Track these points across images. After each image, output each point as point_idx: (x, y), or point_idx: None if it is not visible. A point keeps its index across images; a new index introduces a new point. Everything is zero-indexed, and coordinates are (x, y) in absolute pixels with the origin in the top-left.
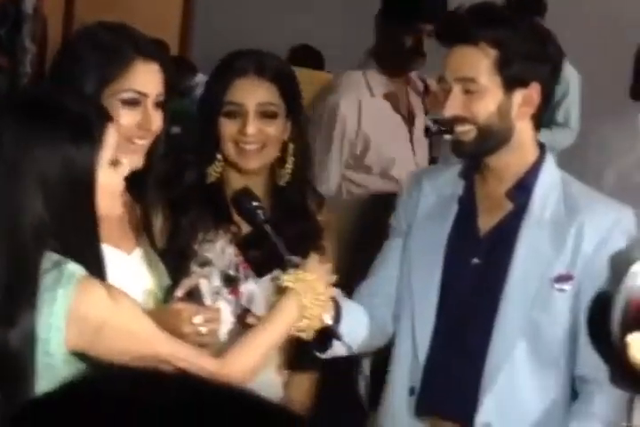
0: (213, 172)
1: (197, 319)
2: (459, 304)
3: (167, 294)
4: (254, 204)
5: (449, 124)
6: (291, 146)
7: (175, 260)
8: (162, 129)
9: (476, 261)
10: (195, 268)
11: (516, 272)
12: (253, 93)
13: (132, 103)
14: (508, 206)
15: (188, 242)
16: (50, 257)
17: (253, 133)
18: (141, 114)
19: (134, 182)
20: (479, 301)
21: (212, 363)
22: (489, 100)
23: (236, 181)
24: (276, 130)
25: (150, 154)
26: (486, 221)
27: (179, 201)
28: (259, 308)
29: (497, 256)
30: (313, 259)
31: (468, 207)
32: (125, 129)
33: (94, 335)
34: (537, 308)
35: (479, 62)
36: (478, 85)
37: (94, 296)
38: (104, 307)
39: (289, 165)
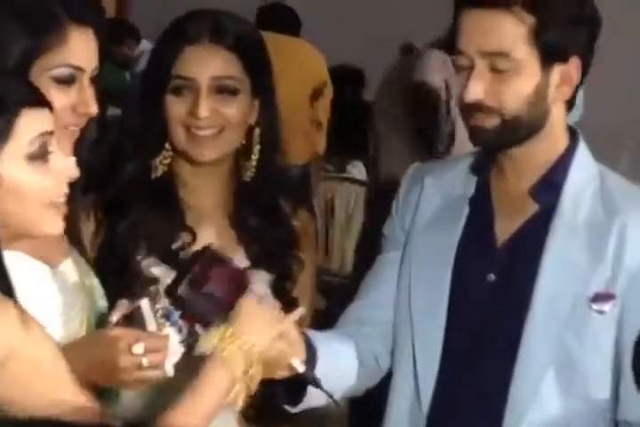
0: (160, 164)
1: (138, 349)
2: (471, 332)
3: (101, 318)
4: None
5: (467, 109)
6: (257, 131)
7: (112, 274)
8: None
9: (492, 277)
10: (137, 286)
11: (543, 291)
12: (207, 65)
13: (67, 81)
14: (532, 208)
15: (129, 252)
16: None
17: (207, 115)
18: (77, 94)
19: None
20: (497, 327)
21: None
22: (524, 81)
23: (188, 176)
24: (237, 110)
25: (78, 142)
26: (505, 228)
27: (115, 201)
28: None
29: (519, 271)
30: (247, 304)
31: (482, 210)
32: (59, 113)
33: None
34: (570, 334)
35: (513, 31)
36: (512, 61)
37: (4, 320)
38: (14, 335)
39: (254, 156)
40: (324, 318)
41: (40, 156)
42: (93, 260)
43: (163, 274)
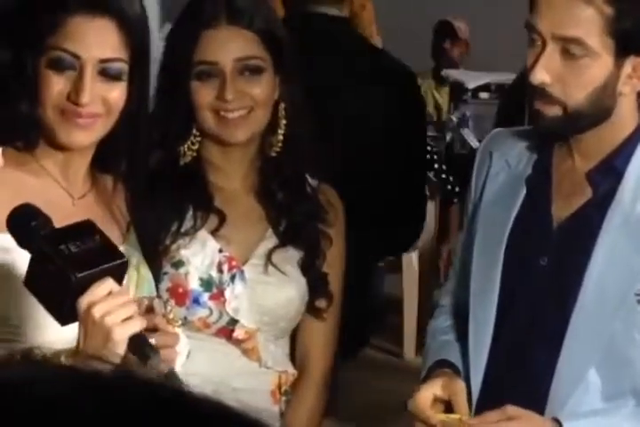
0: (188, 150)
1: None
2: (522, 315)
3: None
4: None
5: (530, 90)
6: (282, 106)
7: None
8: (119, 106)
9: (545, 260)
10: (168, 268)
11: (592, 280)
12: (228, 47)
13: (59, 66)
14: (589, 192)
15: (158, 236)
16: None
17: (235, 98)
18: (73, 81)
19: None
20: (546, 310)
21: None
22: (595, 72)
23: (217, 158)
24: (263, 89)
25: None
26: (561, 210)
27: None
28: (247, 318)
29: (571, 256)
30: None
31: (540, 190)
32: (53, 97)
33: None
34: (617, 323)
35: (591, 20)
36: (585, 48)
37: None
38: None
39: (281, 130)
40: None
41: None
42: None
43: (193, 255)
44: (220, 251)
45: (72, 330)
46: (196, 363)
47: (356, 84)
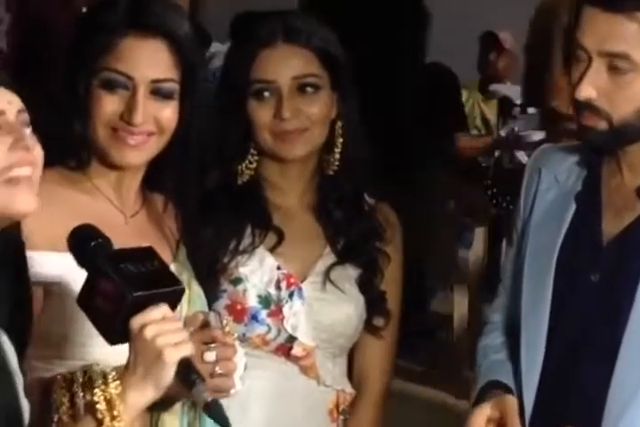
0: (246, 169)
1: (210, 356)
2: (573, 332)
3: None
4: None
5: (576, 106)
6: (339, 124)
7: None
8: (171, 125)
9: (597, 277)
10: (226, 285)
11: None
12: (285, 65)
13: (111, 86)
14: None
15: (216, 254)
16: None
17: (292, 116)
18: (126, 101)
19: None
20: (598, 327)
21: None
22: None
23: (274, 176)
24: (321, 107)
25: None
26: (612, 225)
27: (201, 208)
28: (305, 335)
29: (624, 272)
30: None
31: (589, 206)
32: (107, 117)
33: None
34: None
35: (635, 34)
36: (631, 63)
37: None
38: None
39: (337, 149)
40: None
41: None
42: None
43: (251, 272)
44: (279, 268)
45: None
46: (255, 380)
47: None
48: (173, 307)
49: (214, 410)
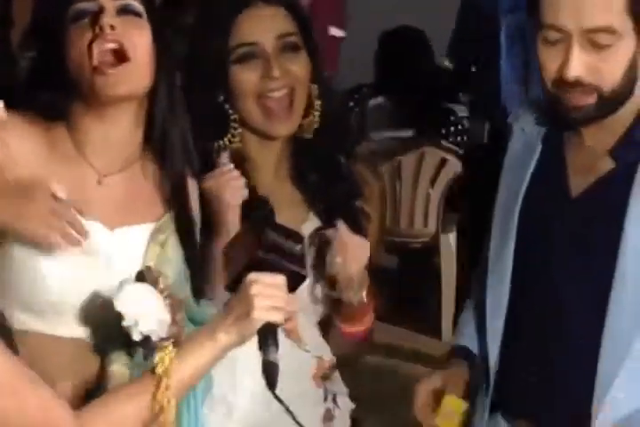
0: (229, 143)
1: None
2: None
3: None
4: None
5: (563, 86)
6: (314, 87)
7: None
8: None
9: (567, 229)
10: None
11: (628, 249)
12: (268, 25)
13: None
14: (607, 166)
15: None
16: None
17: (280, 75)
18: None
19: None
20: (584, 279)
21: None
22: (623, 54)
23: (254, 151)
24: (302, 66)
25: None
26: (576, 183)
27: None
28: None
29: (599, 229)
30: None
31: (553, 162)
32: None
33: None
34: None
35: (617, 6)
36: (613, 36)
37: None
38: None
39: (317, 112)
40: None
41: None
42: None
43: None
44: None
45: None
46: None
47: None
48: (289, 288)
49: (270, 371)
